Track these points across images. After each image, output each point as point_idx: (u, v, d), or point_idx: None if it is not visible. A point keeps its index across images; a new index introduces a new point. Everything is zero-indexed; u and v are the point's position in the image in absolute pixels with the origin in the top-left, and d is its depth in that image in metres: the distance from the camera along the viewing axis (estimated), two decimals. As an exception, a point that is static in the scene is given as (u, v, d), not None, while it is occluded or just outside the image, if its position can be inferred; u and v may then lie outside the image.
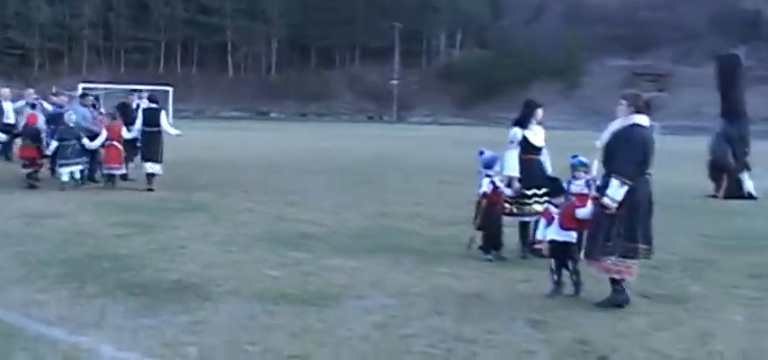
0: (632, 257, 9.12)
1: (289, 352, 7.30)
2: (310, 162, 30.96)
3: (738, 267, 11.93)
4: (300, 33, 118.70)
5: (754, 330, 8.52)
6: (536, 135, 12.49)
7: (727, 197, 22.18)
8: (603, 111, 8.74)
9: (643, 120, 9.18)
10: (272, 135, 53.86)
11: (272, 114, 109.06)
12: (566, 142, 23.93)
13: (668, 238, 12.50)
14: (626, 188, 8.88)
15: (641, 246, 9.11)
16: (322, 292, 9.50)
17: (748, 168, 23.19)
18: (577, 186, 10.38)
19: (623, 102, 9.24)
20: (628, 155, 8.96)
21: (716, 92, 24.96)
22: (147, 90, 26.70)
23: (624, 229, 9.01)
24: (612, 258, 9.07)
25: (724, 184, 22.71)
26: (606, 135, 9.22)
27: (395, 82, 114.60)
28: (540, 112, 12.68)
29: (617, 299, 9.10)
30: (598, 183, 9.55)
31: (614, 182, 8.92)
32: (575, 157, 11.24)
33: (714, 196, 22.36)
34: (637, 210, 9.00)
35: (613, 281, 9.20)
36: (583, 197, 9.87)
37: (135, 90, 27.77)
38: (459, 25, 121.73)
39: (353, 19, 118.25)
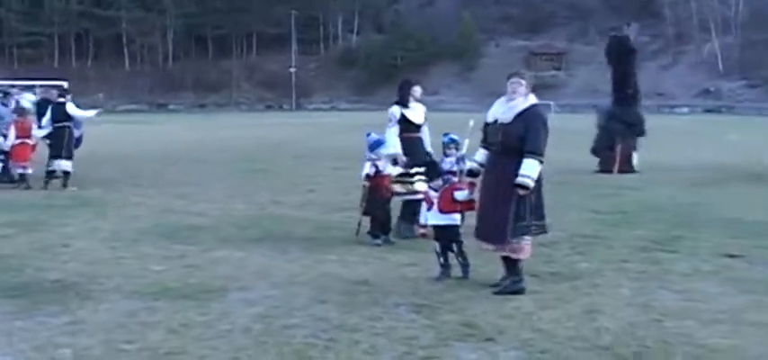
0: (536, 234, 9.05)
1: (166, 349, 7.01)
2: (205, 153, 30.62)
3: (627, 241, 11.99)
4: (196, 23, 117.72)
5: (640, 304, 8.49)
6: (415, 113, 12.41)
7: (621, 172, 22.53)
8: (500, 91, 8.70)
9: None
10: (169, 127, 53.29)
11: (171, 106, 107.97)
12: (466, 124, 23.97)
13: (559, 216, 12.48)
14: (540, 167, 8.76)
15: (541, 223, 9.06)
16: (205, 285, 9.21)
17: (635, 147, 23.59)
18: (448, 164, 10.28)
19: (523, 81, 9.01)
20: (540, 134, 8.80)
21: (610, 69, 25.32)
22: (42, 86, 25.95)
23: (535, 208, 8.89)
24: (523, 239, 8.90)
25: (616, 158, 23.04)
26: (506, 114, 8.89)
27: (293, 69, 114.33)
28: (417, 89, 12.59)
29: (519, 286, 8.94)
30: (470, 162, 9.43)
31: (531, 161, 8.66)
32: (446, 134, 11.14)
33: (607, 171, 22.64)
34: (541, 187, 8.93)
35: (510, 262, 9.01)
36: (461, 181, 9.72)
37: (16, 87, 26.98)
38: (356, 10, 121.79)
39: (249, 7, 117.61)
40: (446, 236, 9.59)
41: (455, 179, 9.88)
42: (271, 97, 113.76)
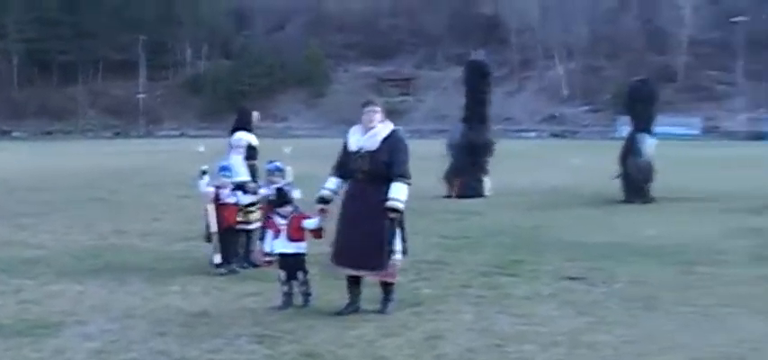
0: (403, 256, 9.31)
1: (-4, 389, 6.77)
2: (47, 181, 29.70)
3: (470, 266, 12.15)
4: (39, 48, 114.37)
5: (480, 328, 8.61)
6: (255, 140, 12.42)
7: (459, 196, 22.82)
8: (351, 118, 8.81)
9: None
10: (12, 155, 51.52)
11: (15, 134, 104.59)
12: (315, 151, 23.96)
13: (405, 241, 12.57)
14: (408, 190, 9.00)
15: (405, 245, 9.35)
16: (41, 321, 8.93)
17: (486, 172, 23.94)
18: (268, 190, 10.41)
19: (378, 109, 9.23)
20: (406, 158, 9.10)
21: (457, 95, 25.63)
22: None
23: (402, 231, 9.15)
24: (396, 261, 9.16)
25: (457, 183, 23.38)
26: (371, 142, 9.05)
27: (141, 96, 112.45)
28: (256, 115, 12.63)
29: (393, 304, 9.22)
30: (323, 190, 9.41)
31: (400, 185, 8.91)
32: (271, 162, 11.18)
33: (449, 196, 22.95)
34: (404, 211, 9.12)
35: (387, 286, 9.24)
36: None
37: None
38: (204, 37, 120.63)
39: (95, 33, 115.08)
40: (293, 264, 9.54)
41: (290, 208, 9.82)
42: (118, 124, 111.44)
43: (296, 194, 10.09)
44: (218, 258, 11.46)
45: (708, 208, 20.73)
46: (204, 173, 11.57)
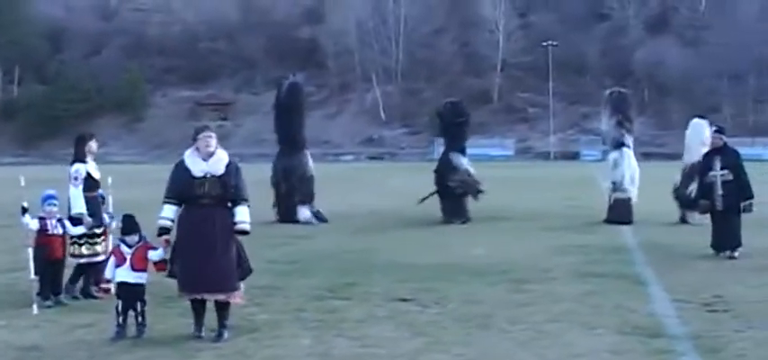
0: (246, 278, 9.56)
1: None
2: None
3: (303, 291, 12.06)
4: None
5: (319, 353, 8.57)
6: (94, 169, 12.01)
7: (281, 221, 22.73)
8: (170, 142, 8.58)
9: None
10: None
11: None
12: (135, 176, 23.43)
13: (235, 267, 12.38)
14: None
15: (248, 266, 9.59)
16: None
17: (308, 199, 23.72)
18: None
19: (213, 134, 9.33)
20: (245, 182, 9.36)
21: (276, 119, 25.35)
22: None
23: (244, 252, 9.37)
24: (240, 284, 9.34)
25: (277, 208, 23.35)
26: (216, 166, 9.15)
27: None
28: (93, 144, 12.18)
29: (228, 332, 9.26)
30: (161, 220, 9.21)
31: (244, 208, 9.21)
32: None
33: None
34: None
35: (226, 309, 9.29)
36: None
37: None
38: (17, 61, 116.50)
39: None
40: (132, 294, 9.33)
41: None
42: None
43: (113, 225, 9.85)
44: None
45: (529, 227, 21.29)
46: (25, 210, 11.05)
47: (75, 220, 11.49)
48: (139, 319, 9.33)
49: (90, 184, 11.83)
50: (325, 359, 8.37)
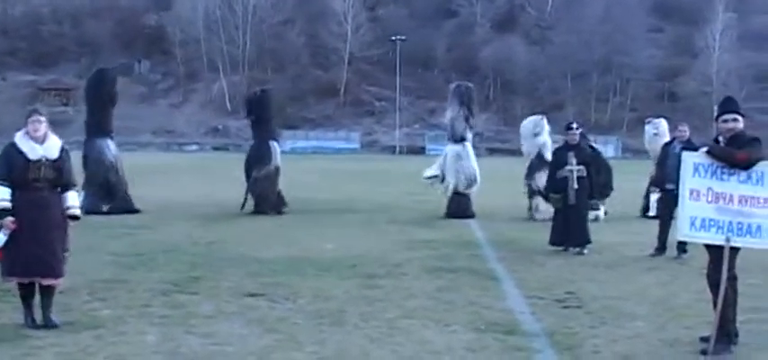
0: None
1: None
2: None
3: (148, 285, 11.62)
4: None
5: (167, 350, 8.22)
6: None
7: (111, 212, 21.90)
8: (9, 127, 8.27)
9: None
10: None
11: None
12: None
13: (75, 259, 11.79)
14: None
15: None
16: None
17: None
18: None
19: (43, 118, 9.13)
20: (72, 167, 9.44)
21: (121, 106, 24.58)
22: None
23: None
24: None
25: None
26: (51, 151, 9.02)
27: None
28: None
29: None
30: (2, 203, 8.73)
31: (74, 193, 9.29)
32: None
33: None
34: None
35: (51, 294, 9.16)
36: None
37: None
38: None
39: None
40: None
41: None
42: None
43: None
44: None
45: (377, 220, 21.25)
46: None
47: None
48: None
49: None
50: (173, 357, 8.02)
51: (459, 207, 22.23)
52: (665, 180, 15.52)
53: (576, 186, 15.60)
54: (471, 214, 22.02)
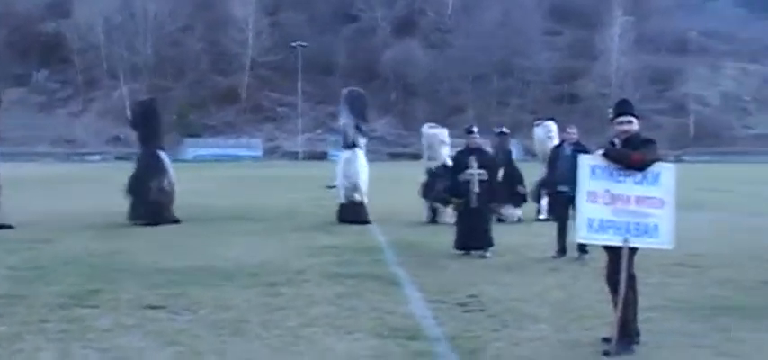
0: None
1: None
2: None
3: (46, 299, 11.34)
4: None
5: (65, 367, 8.05)
6: None
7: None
8: None
9: None
10: None
11: None
12: None
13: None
14: None
15: None
16: None
17: None
18: None
19: None
20: None
21: (18, 116, 24.06)
22: None
23: None
24: None
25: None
26: None
27: None
28: None
29: None
30: None
31: None
32: None
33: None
34: None
35: None
36: None
37: None
38: None
39: None
40: None
41: None
42: None
43: None
44: None
45: (278, 228, 21.14)
46: None
47: None
48: None
49: None
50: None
51: (350, 213, 22.24)
52: (557, 182, 15.75)
53: (477, 190, 15.72)
54: (364, 220, 22.04)
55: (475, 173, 15.77)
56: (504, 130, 23.95)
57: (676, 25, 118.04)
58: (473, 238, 15.75)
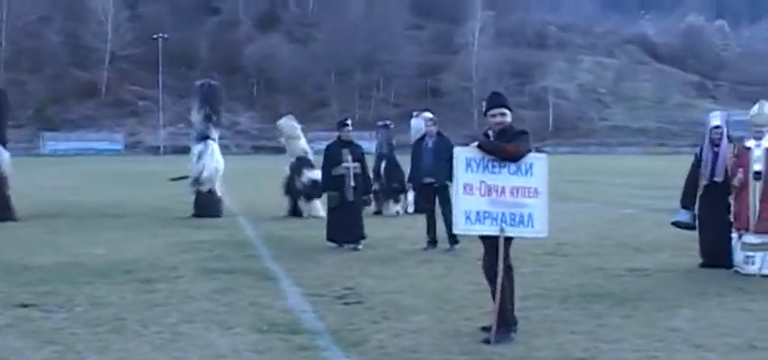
0: None
1: None
2: None
3: None
4: None
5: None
6: None
7: None
8: None
9: None
10: None
11: None
12: None
13: None
14: None
15: None
16: None
17: None
18: None
19: None
20: None
21: None
22: None
23: None
24: None
25: None
26: None
27: None
28: None
29: None
30: None
31: None
32: None
33: None
34: None
35: None
36: None
37: None
38: None
39: None
40: None
41: None
42: None
43: None
44: None
45: (147, 223, 20.87)
46: None
47: None
48: None
49: None
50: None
51: (205, 206, 22.22)
52: (422, 175, 15.90)
53: (353, 184, 15.80)
54: (218, 213, 22.07)
55: (350, 166, 15.84)
56: (387, 122, 24.18)
57: (535, 19, 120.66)
58: (346, 230, 15.82)
